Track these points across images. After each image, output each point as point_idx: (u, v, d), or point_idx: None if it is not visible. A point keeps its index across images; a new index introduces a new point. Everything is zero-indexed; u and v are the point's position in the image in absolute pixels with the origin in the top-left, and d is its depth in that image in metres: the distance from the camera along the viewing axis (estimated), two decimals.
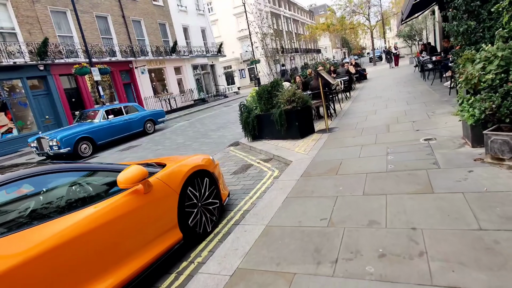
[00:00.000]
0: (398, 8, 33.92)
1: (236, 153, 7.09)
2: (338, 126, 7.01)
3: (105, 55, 18.41)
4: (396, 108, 7.62)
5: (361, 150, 4.81)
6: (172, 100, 22.73)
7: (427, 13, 18.19)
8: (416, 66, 16.15)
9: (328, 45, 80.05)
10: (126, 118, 12.56)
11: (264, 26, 12.07)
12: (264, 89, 7.00)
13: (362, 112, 8.12)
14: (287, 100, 6.39)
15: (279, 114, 6.49)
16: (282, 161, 5.47)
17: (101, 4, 18.87)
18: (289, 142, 6.50)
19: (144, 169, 2.58)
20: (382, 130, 5.75)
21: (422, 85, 10.50)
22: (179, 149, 8.94)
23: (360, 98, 10.81)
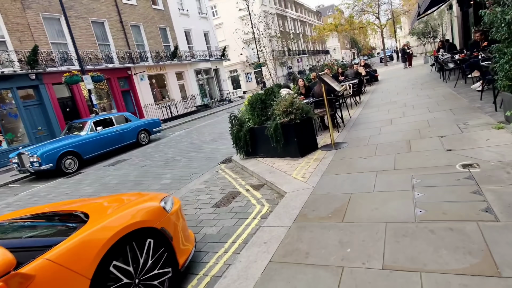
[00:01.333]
0: (409, 6, 32.46)
1: (225, 173, 6.01)
2: (347, 140, 5.84)
3: (101, 61, 17.64)
4: (416, 116, 6.40)
5: (376, 179, 3.65)
6: (173, 107, 21.84)
7: (443, 8, 16.83)
8: (433, 66, 14.82)
9: (337, 46, 78.55)
10: (117, 129, 11.63)
11: (269, 28, 11.00)
12: (257, 98, 5.90)
13: (375, 121, 6.93)
14: (283, 111, 5.28)
15: (274, 129, 5.38)
16: (275, 190, 4.35)
17: (97, 10, 18.15)
18: (287, 161, 5.37)
19: (7, 257, 1.51)
20: (402, 149, 4.56)
21: (443, 88, 9.22)
22: (166, 166, 7.91)
23: (371, 104, 9.60)
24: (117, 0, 19.46)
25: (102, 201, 2.87)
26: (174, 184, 6.15)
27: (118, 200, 2.80)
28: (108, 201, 2.79)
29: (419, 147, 4.44)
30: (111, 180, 7.54)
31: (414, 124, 5.84)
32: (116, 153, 11.62)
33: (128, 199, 2.81)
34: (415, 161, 3.94)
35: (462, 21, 13.87)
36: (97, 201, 2.94)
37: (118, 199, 2.90)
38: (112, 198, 2.94)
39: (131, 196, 3.04)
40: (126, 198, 2.91)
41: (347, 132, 6.52)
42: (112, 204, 2.64)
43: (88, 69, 15.84)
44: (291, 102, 5.29)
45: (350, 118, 8.02)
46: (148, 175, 7.35)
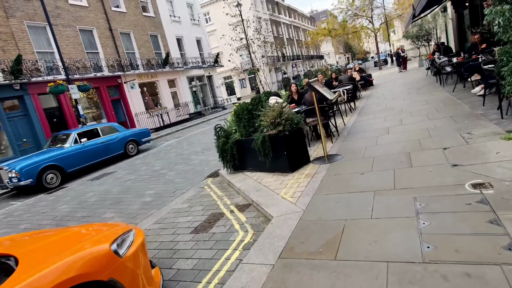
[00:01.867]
0: (402, 10, 32.38)
1: (211, 190, 5.54)
2: (341, 152, 5.40)
3: (90, 70, 17.17)
4: (415, 125, 5.98)
5: (374, 202, 3.19)
6: (165, 115, 21.36)
7: (438, 11, 16.58)
8: (429, 69, 14.51)
9: (331, 51, 78.72)
10: (103, 140, 11.12)
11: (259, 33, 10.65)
12: (243, 108, 5.46)
13: (371, 130, 6.50)
14: (271, 123, 4.83)
15: (261, 142, 4.92)
16: (262, 213, 3.88)
17: (85, 18, 17.73)
18: (276, 177, 4.92)
19: None
20: (402, 163, 4.12)
21: (441, 92, 8.84)
22: (150, 180, 7.41)
23: (367, 110, 9.20)
24: (106, 8, 19.08)
25: (42, 240, 2.38)
26: (156, 202, 5.67)
27: (64, 239, 2.32)
28: (50, 240, 2.31)
29: (421, 161, 4.00)
30: (91, 197, 7.03)
31: (413, 133, 5.41)
32: (103, 165, 11.11)
33: (75, 236, 2.34)
34: (417, 178, 3.49)
35: (457, 23, 13.59)
36: (38, 239, 2.45)
37: (65, 236, 2.42)
38: (58, 235, 2.46)
39: (83, 228, 2.57)
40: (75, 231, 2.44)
41: (342, 142, 6.08)
42: (53, 245, 2.16)
43: (76, 78, 15.39)
44: (279, 112, 4.85)
45: (345, 126, 7.60)
46: (130, 191, 6.85)
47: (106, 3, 19.12)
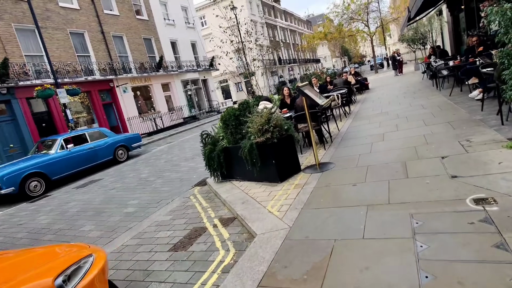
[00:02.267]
0: (397, 13, 32.38)
1: (196, 200, 5.23)
2: (334, 160, 5.12)
3: (81, 74, 16.83)
4: (411, 131, 5.71)
5: (366, 219, 2.90)
6: (158, 119, 21.02)
7: (433, 14, 16.46)
8: (425, 73, 14.33)
9: (328, 55, 78.93)
10: (90, 146, 10.78)
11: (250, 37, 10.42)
12: (230, 114, 5.17)
13: (365, 136, 6.23)
14: (258, 130, 4.54)
15: (248, 150, 4.63)
16: (246, 228, 3.58)
17: (76, 20, 17.42)
18: (264, 187, 4.63)
19: None
20: (397, 173, 3.84)
21: (438, 96, 8.61)
22: (136, 189, 7.09)
23: (362, 115, 8.94)
24: (98, 11, 18.79)
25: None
26: (138, 213, 5.34)
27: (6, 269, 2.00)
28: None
29: (417, 171, 3.72)
30: (72, 207, 6.69)
31: (409, 140, 5.14)
32: (91, 172, 10.77)
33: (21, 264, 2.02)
34: (414, 191, 3.21)
35: (453, 26, 13.43)
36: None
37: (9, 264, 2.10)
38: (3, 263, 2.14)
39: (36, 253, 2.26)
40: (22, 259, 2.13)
41: (335, 149, 5.80)
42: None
43: (66, 82, 15.05)
44: (267, 119, 4.56)
45: (339, 131, 7.33)
46: (114, 201, 6.52)
47: (98, 6, 18.83)
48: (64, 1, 16.96)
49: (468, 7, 11.20)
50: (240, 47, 10.34)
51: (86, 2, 18.16)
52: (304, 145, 6.71)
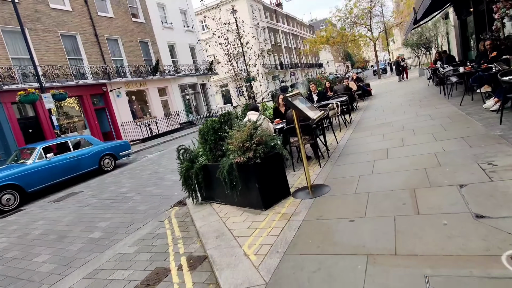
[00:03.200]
0: (401, 18, 31.72)
1: (169, 227, 4.51)
2: (329, 181, 4.38)
3: (71, 77, 16.22)
4: (419, 147, 4.97)
5: (366, 278, 2.16)
6: (153, 125, 20.36)
7: (439, 18, 15.76)
8: (430, 79, 13.60)
9: (330, 59, 78.35)
10: (73, 155, 10.09)
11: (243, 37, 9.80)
12: (209, 127, 4.45)
13: (367, 151, 5.49)
14: (239, 147, 3.82)
15: (227, 171, 3.91)
16: (214, 276, 2.84)
17: (68, 22, 16.86)
18: (246, 215, 3.90)
19: None
20: (405, 206, 3.10)
21: (446, 105, 7.86)
22: (111, 207, 6.38)
23: (363, 125, 8.20)
24: (92, 13, 18.25)
25: None
26: (103, 240, 4.62)
27: None
28: None
29: (431, 205, 2.97)
30: (37, 228, 5.97)
31: (417, 159, 4.39)
32: (74, 182, 10.10)
33: None
34: (428, 237, 2.46)
35: (460, 30, 12.72)
36: None
37: None
38: None
39: None
40: None
41: (331, 166, 5.06)
42: None
43: (54, 86, 14.44)
44: (250, 134, 3.84)
45: (338, 144, 6.59)
46: (83, 221, 5.81)
47: (92, 8, 18.30)
48: (56, 3, 16.43)
49: (477, 10, 10.49)
50: (230, 50, 9.69)
51: (79, 4, 17.62)
52: (298, 159, 5.98)
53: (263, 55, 10.19)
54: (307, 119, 3.64)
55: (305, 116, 3.64)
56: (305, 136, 5.23)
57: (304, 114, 3.62)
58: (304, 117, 3.66)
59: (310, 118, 3.61)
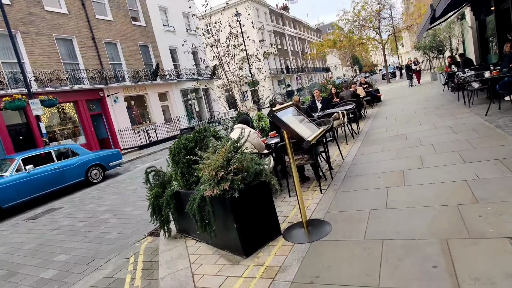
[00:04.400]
0: (411, 21, 30.64)
1: (132, 270, 3.65)
2: (330, 216, 3.46)
3: (66, 82, 15.59)
4: (444, 170, 4.01)
5: None
6: (151, 131, 19.63)
7: (453, 19, 14.73)
8: (445, 84, 12.57)
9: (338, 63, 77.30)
10: (56, 166, 9.34)
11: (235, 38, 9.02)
12: (180, 147, 3.58)
13: (378, 173, 4.54)
14: (212, 176, 2.94)
15: (198, 206, 3.03)
16: None
17: (63, 25, 16.29)
18: (223, 261, 3.03)
19: None
20: (436, 272, 2.16)
21: (469, 115, 6.87)
22: (80, 232, 5.55)
23: (373, 137, 7.25)
24: (89, 16, 17.67)
25: None
26: (53, 283, 3.77)
27: None
28: None
29: (475, 271, 2.03)
30: None
31: (444, 189, 3.45)
32: (57, 195, 9.39)
33: None
34: None
35: (478, 32, 11.69)
36: None
37: None
38: None
39: None
40: None
41: (335, 193, 4.13)
42: None
43: (47, 91, 13.82)
44: (227, 160, 2.96)
45: (343, 161, 5.66)
46: (43, 251, 4.97)
47: (89, 11, 17.73)
48: (51, 5, 15.87)
49: (499, 9, 9.49)
50: (221, 52, 8.90)
51: (76, 7, 17.06)
52: None
53: (259, 58, 9.34)
54: (300, 140, 2.74)
55: (297, 137, 2.74)
56: (302, 156, 4.33)
57: (295, 134, 2.73)
58: (296, 137, 2.76)
59: (304, 139, 2.71)
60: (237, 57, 9.14)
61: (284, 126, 2.76)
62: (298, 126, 2.93)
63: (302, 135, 2.73)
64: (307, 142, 2.70)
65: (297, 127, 2.89)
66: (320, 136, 3.00)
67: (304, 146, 2.72)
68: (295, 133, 2.73)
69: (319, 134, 2.87)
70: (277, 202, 4.31)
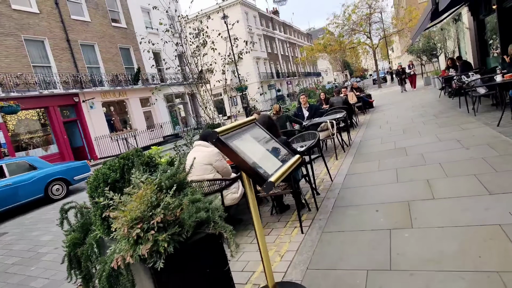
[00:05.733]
0: (402, 25, 30.14)
1: None
2: (311, 279, 2.44)
3: (35, 87, 14.36)
4: (463, 206, 3.03)
5: None
6: (132, 138, 18.43)
7: (448, 20, 14.01)
8: (443, 89, 11.76)
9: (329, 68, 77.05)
10: (8, 182, 8.18)
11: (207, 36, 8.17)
12: (99, 179, 2.53)
13: (376, 203, 3.55)
14: (128, 233, 1.89)
15: (106, 279, 1.98)
16: None
17: (34, 26, 15.09)
18: None
19: None
20: None
21: (477, 125, 5.96)
22: (1, 275, 4.41)
23: (367, 150, 6.28)
24: (64, 16, 16.50)
25: None
26: None
27: None
28: None
29: None
30: None
31: (471, 239, 2.45)
32: (12, 214, 8.22)
33: None
34: None
35: (477, 33, 10.92)
36: None
37: None
38: None
39: None
40: None
41: (319, 234, 3.11)
42: None
43: (11, 97, 12.60)
44: (151, 206, 1.92)
45: (332, 182, 4.66)
46: None
47: (64, 11, 16.56)
48: (20, 4, 14.67)
49: (502, 7, 8.70)
50: (184, 50, 8.00)
51: (49, 6, 15.87)
52: (273, 211, 4.03)
53: (231, 58, 8.45)
54: (258, 182, 1.72)
55: (254, 176, 1.72)
56: (279, 184, 3.31)
57: (252, 172, 1.71)
58: (253, 177, 1.74)
59: (264, 179, 1.69)
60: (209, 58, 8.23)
61: (235, 158, 1.74)
62: (259, 156, 1.91)
63: (260, 173, 1.72)
64: (269, 184, 1.68)
65: (257, 157, 1.87)
66: (292, 170, 1.97)
67: (265, 190, 1.70)
68: (252, 170, 1.72)
69: (285, 174, 1.83)
70: (244, 244, 3.28)
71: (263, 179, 1.69)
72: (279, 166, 1.90)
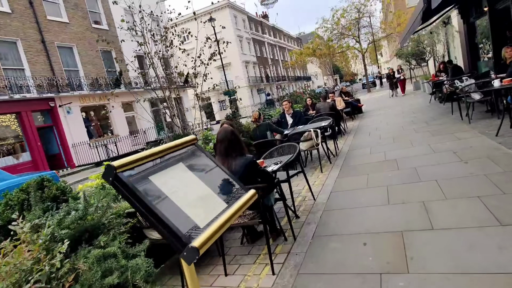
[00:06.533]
0: (390, 29, 30.05)
1: None
2: None
3: (4, 91, 13.47)
4: (469, 242, 2.47)
5: None
6: (112, 145, 17.59)
7: (438, 24, 13.70)
8: (433, 94, 11.37)
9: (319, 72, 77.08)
10: None
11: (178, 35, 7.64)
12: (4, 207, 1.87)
13: (362, 234, 2.96)
14: None
15: None
16: None
17: (5, 26, 14.22)
18: None
19: None
20: None
21: (472, 134, 5.47)
22: None
23: (354, 162, 5.72)
24: (39, 16, 15.67)
25: None
26: None
27: None
28: None
29: None
30: None
31: (480, 284, 1.88)
32: None
33: None
34: None
35: (467, 36, 10.58)
36: None
37: None
38: None
39: None
40: None
41: (294, 277, 2.50)
42: None
43: None
44: (25, 274, 1.27)
45: (314, 202, 4.06)
46: None
47: (39, 11, 15.72)
48: None
49: (494, 9, 8.33)
50: (150, 49, 7.44)
51: (22, 6, 15.03)
52: (243, 240, 3.41)
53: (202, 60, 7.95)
54: (176, 246, 1.10)
55: (168, 235, 1.11)
56: (245, 213, 2.70)
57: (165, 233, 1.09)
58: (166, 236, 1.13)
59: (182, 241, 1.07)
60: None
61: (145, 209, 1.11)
62: (193, 198, 1.29)
63: (179, 232, 1.09)
64: (191, 251, 1.05)
65: (189, 200, 1.25)
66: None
67: (186, 260, 1.07)
68: (165, 227, 1.09)
69: (231, 218, 1.22)
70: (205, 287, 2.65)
71: (181, 242, 1.07)
72: (217, 214, 1.27)
